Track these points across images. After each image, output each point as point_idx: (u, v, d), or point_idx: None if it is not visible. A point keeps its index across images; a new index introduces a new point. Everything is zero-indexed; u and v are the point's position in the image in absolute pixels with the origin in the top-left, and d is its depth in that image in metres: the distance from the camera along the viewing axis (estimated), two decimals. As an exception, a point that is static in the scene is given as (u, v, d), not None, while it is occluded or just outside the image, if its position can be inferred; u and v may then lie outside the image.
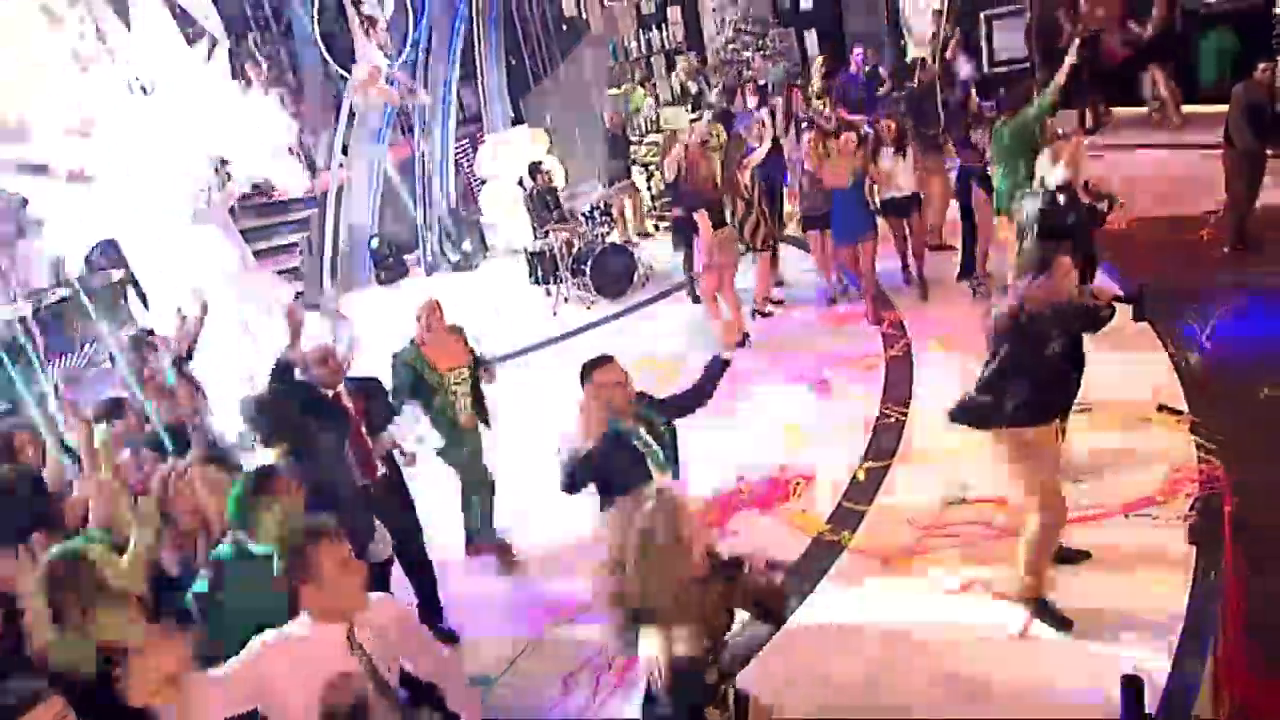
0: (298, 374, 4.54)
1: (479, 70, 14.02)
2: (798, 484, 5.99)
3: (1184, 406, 5.82)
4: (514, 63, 17.09)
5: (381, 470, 5.01)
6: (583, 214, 10.39)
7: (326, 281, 12.73)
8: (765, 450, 6.47)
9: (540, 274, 10.46)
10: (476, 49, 13.82)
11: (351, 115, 12.17)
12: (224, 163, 7.40)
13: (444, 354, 5.41)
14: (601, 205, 10.50)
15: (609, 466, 3.83)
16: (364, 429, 4.89)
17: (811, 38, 14.04)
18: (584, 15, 14.56)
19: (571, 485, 3.96)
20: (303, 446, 4.30)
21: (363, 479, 4.82)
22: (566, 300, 10.25)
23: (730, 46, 13.99)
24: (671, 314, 9.27)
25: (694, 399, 4.21)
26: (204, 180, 7.32)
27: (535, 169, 10.62)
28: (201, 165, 7.30)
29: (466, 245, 12.51)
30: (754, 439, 6.68)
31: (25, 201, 7.45)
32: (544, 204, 10.53)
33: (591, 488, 3.92)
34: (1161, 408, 5.82)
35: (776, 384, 7.44)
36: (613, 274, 9.98)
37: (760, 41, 13.88)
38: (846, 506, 5.68)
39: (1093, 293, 4.21)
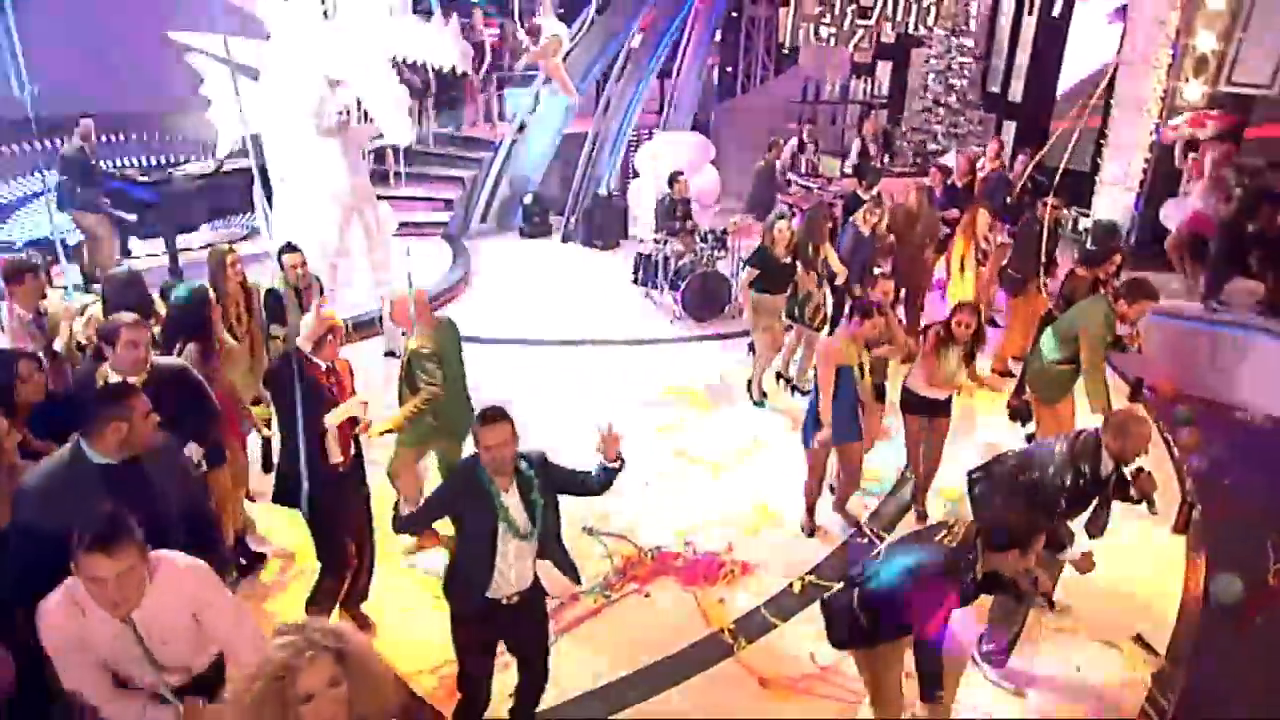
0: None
1: (679, 67, 13.76)
2: (731, 571, 5.46)
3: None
4: (728, 70, 16.80)
5: (352, 450, 4.85)
6: (704, 233, 9.94)
7: (475, 219, 12.97)
8: (730, 521, 5.99)
9: (642, 275, 10.15)
10: (683, 46, 13.57)
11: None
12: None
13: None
14: (721, 230, 9.99)
15: (461, 509, 3.54)
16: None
17: (1011, 130, 12.85)
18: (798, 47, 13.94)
19: (407, 521, 3.82)
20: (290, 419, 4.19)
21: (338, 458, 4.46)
22: (656, 306, 9.94)
23: (922, 115, 13.01)
24: (735, 355, 8.74)
25: (581, 489, 3.77)
26: (343, 104, 7.41)
27: (675, 177, 10.24)
28: (346, 93, 7.38)
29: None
30: (727, 504, 6.18)
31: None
32: (670, 212, 10.13)
33: None
34: (1138, 638, 4.95)
35: (779, 453, 6.86)
36: (705, 297, 9.53)
37: (955, 119, 12.83)
38: (763, 614, 5.13)
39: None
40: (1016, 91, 12.86)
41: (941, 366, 5.48)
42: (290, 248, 5.88)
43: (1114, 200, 10.43)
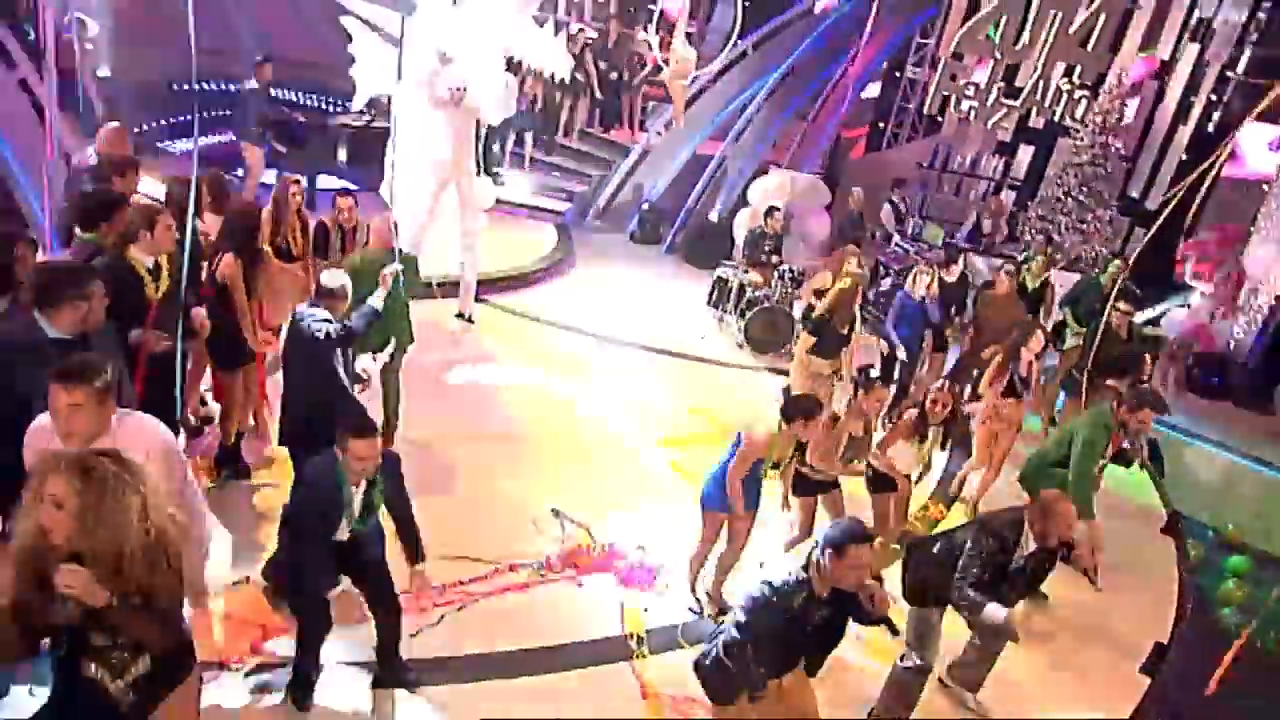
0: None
1: (818, 111, 13.57)
2: (667, 585, 5.37)
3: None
4: (879, 125, 16.40)
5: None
6: (784, 269, 9.78)
7: (591, 215, 13.26)
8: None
9: (716, 298, 10.08)
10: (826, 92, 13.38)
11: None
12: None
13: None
14: (800, 270, 9.78)
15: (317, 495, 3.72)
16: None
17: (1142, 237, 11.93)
18: (941, 118, 13.47)
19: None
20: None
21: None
22: (721, 330, 9.88)
23: (1053, 204, 12.23)
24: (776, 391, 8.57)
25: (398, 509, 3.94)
26: (459, 81, 7.75)
27: (770, 211, 10.15)
28: (460, 71, 7.72)
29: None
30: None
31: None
32: (758, 243, 10.06)
33: None
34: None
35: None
36: (767, 330, 9.37)
37: (1084, 215, 12.02)
38: (678, 636, 4.95)
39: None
40: (1156, 199, 11.95)
41: (910, 450, 5.22)
42: (344, 192, 6.26)
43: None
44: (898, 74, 15.07)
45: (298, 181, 6.08)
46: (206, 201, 5.45)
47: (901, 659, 4.35)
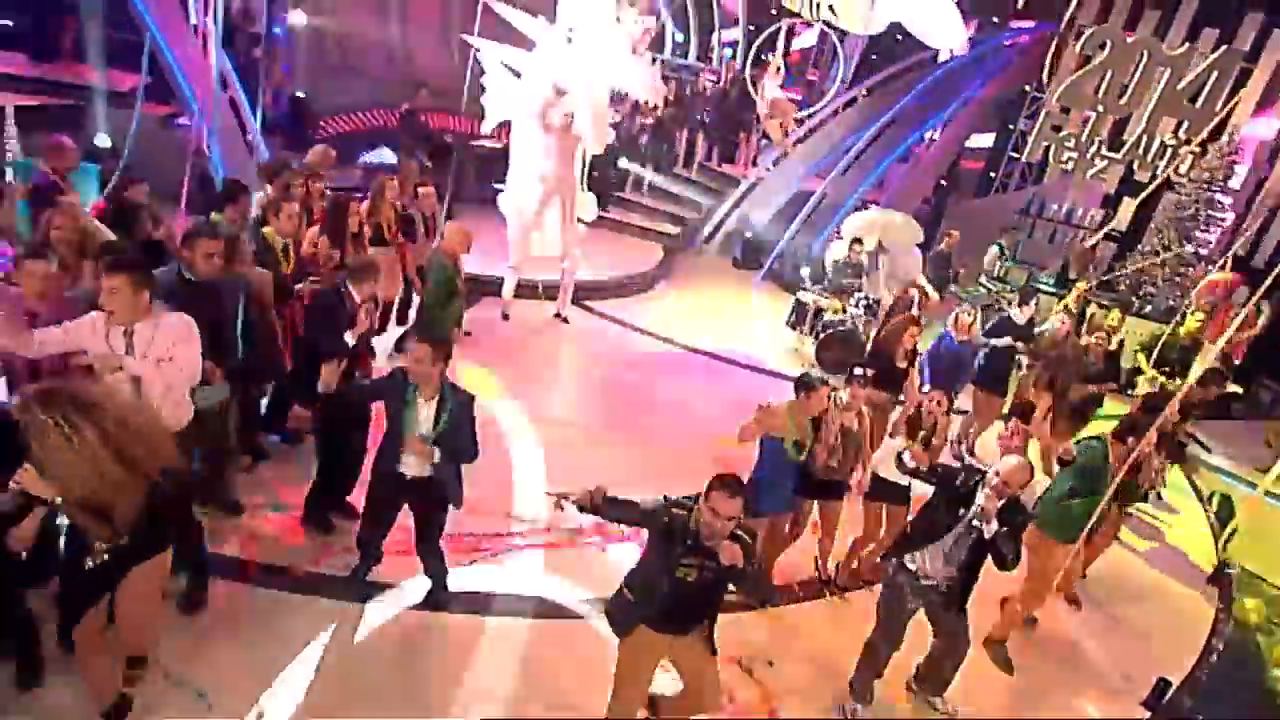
0: None
1: (920, 155, 13.71)
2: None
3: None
4: (991, 175, 16.25)
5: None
6: (861, 297, 10.06)
7: (699, 239, 13.90)
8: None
9: (795, 319, 10.40)
10: (929, 139, 13.51)
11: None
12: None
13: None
14: (876, 299, 10.02)
15: (381, 395, 4.28)
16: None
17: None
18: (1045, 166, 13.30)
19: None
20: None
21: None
22: (798, 350, 10.23)
23: (1150, 256, 11.86)
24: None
25: (464, 442, 4.25)
26: (569, 110, 8.59)
27: (854, 242, 10.47)
28: (571, 101, 8.57)
29: (804, 271, 12.67)
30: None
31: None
32: (841, 271, 10.36)
33: None
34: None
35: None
36: (837, 352, 9.64)
37: (1183, 270, 11.59)
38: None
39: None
40: (1261, 259, 11.38)
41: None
42: (424, 183, 7.21)
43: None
44: (1010, 125, 14.96)
45: (390, 180, 6.97)
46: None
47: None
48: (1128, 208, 12.41)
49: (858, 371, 5.38)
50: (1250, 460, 9.32)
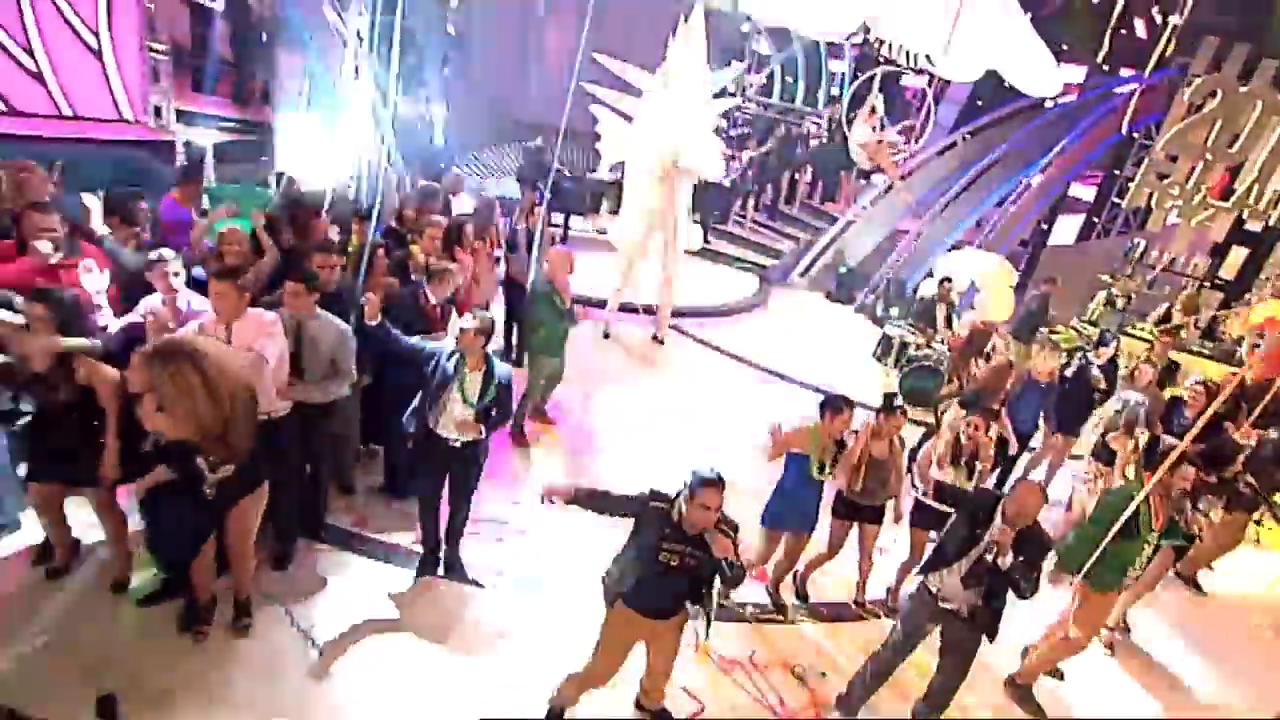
0: None
1: (1017, 198, 13.61)
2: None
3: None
4: (1094, 219, 15.86)
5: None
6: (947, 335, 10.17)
7: (796, 273, 14.22)
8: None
9: (880, 352, 10.58)
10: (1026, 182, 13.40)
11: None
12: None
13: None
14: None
15: (432, 366, 4.57)
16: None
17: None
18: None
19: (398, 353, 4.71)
20: None
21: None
22: (881, 383, 10.37)
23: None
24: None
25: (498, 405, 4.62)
26: (672, 151, 9.17)
27: (944, 281, 10.59)
28: (674, 141, 9.14)
29: (893, 312, 12.80)
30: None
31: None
32: (929, 308, 10.48)
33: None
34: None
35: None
36: (919, 385, 9.78)
37: None
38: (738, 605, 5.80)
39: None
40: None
41: (948, 475, 5.25)
42: (539, 199, 7.93)
43: None
44: (1117, 171, 14.61)
45: (500, 198, 7.77)
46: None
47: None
48: (1236, 256, 11.95)
49: (896, 403, 5.42)
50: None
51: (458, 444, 4.60)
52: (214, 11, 9.55)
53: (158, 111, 9.10)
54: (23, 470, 4.48)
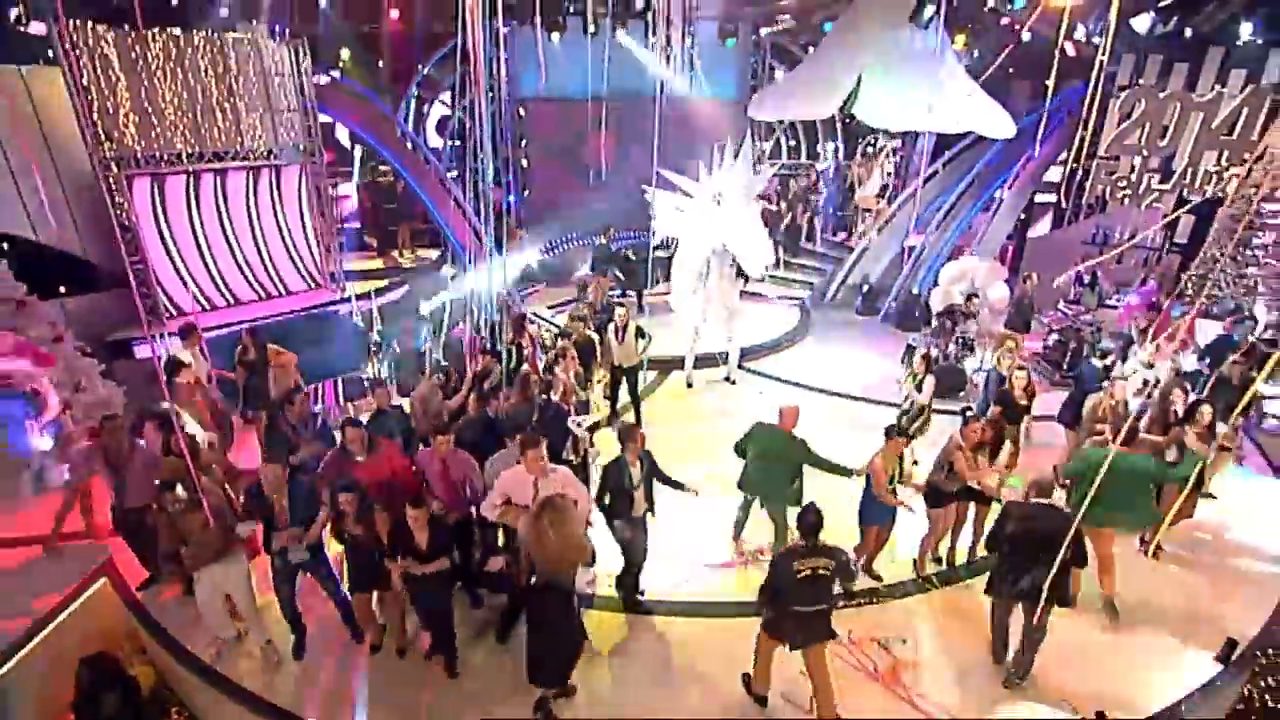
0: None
1: (998, 204, 15.18)
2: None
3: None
4: (1062, 208, 17.19)
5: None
6: (960, 336, 11.54)
7: (826, 297, 15.93)
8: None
9: (905, 357, 11.72)
10: (1006, 187, 14.96)
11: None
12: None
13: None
14: (971, 338, 11.62)
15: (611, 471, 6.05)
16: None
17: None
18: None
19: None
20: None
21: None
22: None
23: (1210, 264, 12.71)
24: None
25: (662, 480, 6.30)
26: (718, 238, 10.93)
27: (971, 297, 11.58)
28: (721, 227, 10.82)
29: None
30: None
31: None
32: (952, 316, 11.55)
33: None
34: (1100, 715, 5.05)
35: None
36: (941, 381, 11.24)
37: (1243, 272, 12.41)
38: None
39: None
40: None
41: (968, 463, 6.45)
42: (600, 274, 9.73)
43: None
44: (1075, 165, 15.97)
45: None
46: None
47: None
48: (1185, 223, 13.34)
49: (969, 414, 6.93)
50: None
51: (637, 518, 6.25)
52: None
53: (332, 276, 11.53)
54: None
